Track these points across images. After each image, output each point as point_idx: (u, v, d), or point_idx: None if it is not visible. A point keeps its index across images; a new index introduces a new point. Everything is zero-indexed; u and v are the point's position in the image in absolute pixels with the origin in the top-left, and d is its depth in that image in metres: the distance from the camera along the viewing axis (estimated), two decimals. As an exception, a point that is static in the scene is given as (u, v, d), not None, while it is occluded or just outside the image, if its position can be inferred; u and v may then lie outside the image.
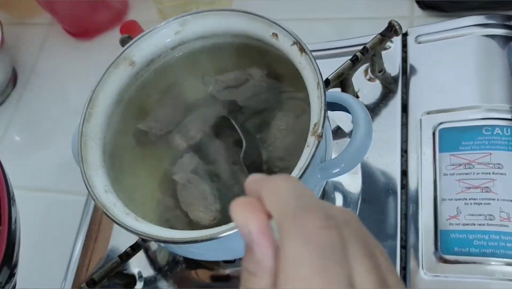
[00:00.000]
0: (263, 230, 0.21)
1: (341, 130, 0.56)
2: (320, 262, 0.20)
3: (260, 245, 0.21)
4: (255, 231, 0.21)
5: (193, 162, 0.45)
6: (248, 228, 0.21)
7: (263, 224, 0.21)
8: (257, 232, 0.21)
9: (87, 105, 0.45)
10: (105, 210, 0.40)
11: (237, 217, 0.22)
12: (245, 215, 0.22)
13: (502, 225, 0.46)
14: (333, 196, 0.53)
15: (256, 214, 0.22)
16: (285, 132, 0.44)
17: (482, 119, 0.51)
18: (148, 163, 0.48)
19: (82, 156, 0.43)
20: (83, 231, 0.59)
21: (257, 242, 0.21)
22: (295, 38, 0.42)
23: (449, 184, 0.49)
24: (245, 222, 0.21)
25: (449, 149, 0.51)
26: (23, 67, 0.78)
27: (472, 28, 0.56)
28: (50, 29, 0.80)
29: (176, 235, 0.38)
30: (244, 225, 0.22)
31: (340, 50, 0.60)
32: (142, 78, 0.49)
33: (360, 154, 0.42)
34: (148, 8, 0.74)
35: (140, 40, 0.47)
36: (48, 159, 0.69)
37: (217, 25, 0.47)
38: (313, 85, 0.40)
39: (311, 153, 0.37)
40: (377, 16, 0.64)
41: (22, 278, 0.47)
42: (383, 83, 0.57)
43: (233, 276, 0.52)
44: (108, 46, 0.74)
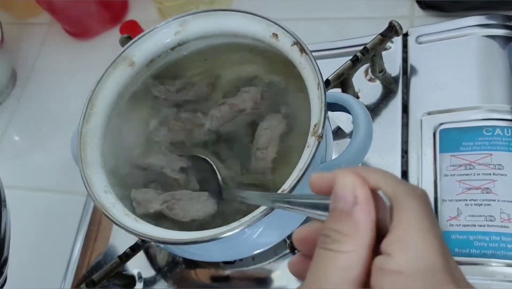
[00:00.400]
0: (369, 197, 0.24)
1: (341, 131, 0.56)
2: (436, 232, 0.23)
3: (364, 210, 0.23)
4: (362, 196, 0.24)
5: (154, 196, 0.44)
6: (355, 193, 0.24)
7: (369, 193, 0.24)
8: (364, 198, 0.24)
9: (87, 105, 0.45)
10: (104, 210, 0.40)
11: (345, 181, 0.24)
12: (354, 181, 0.24)
13: (502, 226, 0.45)
14: (333, 196, 0.53)
15: (363, 183, 0.24)
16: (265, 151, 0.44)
17: (482, 120, 0.51)
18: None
19: (82, 156, 0.42)
20: (83, 231, 0.59)
21: (361, 206, 0.23)
22: (295, 39, 0.42)
23: (449, 184, 0.49)
24: (353, 187, 0.24)
25: (450, 149, 0.50)
26: (22, 67, 0.78)
27: (472, 28, 0.56)
28: (50, 29, 0.80)
29: (176, 236, 0.38)
30: (351, 189, 0.24)
31: (340, 50, 0.60)
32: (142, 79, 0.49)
33: (361, 154, 0.42)
34: (148, 8, 0.74)
35: (139, 40, 0.47)
36: (47, 158, 0.69)
37: (217, 25, 0.46)
38: (313, 86, 0.40)
39: (311, 153, 0.37)
40: (378, 16, 0.64)
41: (21, 278, 0.47)
42: (383, 83, 0.57)
43: (232, 276, 0.52)
44: (108, 46, 0.74)
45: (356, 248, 0.23)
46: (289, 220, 0.44)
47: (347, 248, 0.23)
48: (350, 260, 0.23)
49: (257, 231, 0.42)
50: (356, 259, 0.23)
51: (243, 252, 0.46)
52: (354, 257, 0.23)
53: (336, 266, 0.23)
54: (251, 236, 0.42)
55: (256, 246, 0.45)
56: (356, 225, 0.23)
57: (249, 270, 0.52)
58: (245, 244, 0.44)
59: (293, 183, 0.36)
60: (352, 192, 0.24)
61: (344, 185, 0.24)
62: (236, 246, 0.44)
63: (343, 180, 0.24)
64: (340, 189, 0.24)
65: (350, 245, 0.23)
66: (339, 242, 0.23)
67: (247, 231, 0.37)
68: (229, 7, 0.70)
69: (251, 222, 0.36)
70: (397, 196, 0.24)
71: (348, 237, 0.23)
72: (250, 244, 0.44)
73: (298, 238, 0.28)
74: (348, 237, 0.23)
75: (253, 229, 0.40)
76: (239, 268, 0.52)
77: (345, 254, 0.23)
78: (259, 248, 0.45)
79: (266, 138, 0.44)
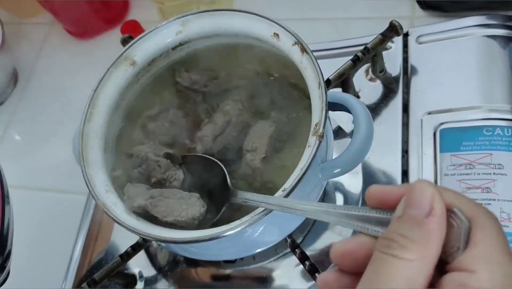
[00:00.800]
0: (445, 212, 0.24)
1: (342, 131, 0.56)
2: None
3: (439, 222, 0.23)
4: (440, 209, 0.23)
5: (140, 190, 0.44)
6: (432, 204, 0.24)
7: (444, 208, 0.24)
8: (441, 211, 0.23)
9: (88, 105, 0.45)
10: (106, 209, 0.40)
11: (425, 190, 0.24)
12: (434, 192, 0.24)
13: (503, 225, 0.45)
14: (334, 196, 0.53)
15: (442, 198, 0.24)
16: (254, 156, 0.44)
17: (483, 119, 0.51)
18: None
19: (83, 156, 0.43)
20: (84, 231, 0.59)
21: (437, 218, 0.23)
22: (297, 38, 0.42)
23: (450, 184, 0.49)
24: (432, 198, 0.24)
25: (450, 149, 0.51)
26: (23, 66, 0.78)
27: (473, 28, 0.56)
28: (51, 29, 0.80)
29: (177, 235, 0.38)
30: (429, 199, 0.24)
31: (341, 50, 0.60)
32: (143, 79, 0.49)
33: (361, 154, 0.42)
34: (149, 8, 0.74)
35: (141, 40, 0.47)
36: (48, 158, 0.69)
37: (218, 25, 0.47)
38: (314, 85, 0.40)
39: (312, 153, 0.37)
40: (378, 16, 0.64)
41: (23, 277, 0.47)
42: (384, 83, 0.57)
43: (233, 275, 0.52)
44: (109, 46, 0.74)
45: (422, 258, 0.23)
46: (290, 219, 0.44)
47: (413, 256, 0.23)
48: (415, 269, 0.23)
49: (258, 229, 0.42)
50: (420, 269, 0.23)
51: (244, 250, 0.46)
52: (418, 267, 0.23)
53: (400, 273, 0.23)
54: (252, 235, 0.42)
55: (257, 244, 0.45)
56: (429, 234, 0.23)
57: (250, 269, 0.52)
58: (246, 243, 0.44)
59: (295, 182, 0.36)
60: (430, 202, 0.23)
61: (423, 193, 0.24)
62: (237, 244, 0.44)
63: (423, 188, 0.24)
64: (418, 196, 0.24)
65: (417, 253, 0.23)
66: (406, 248, 0.23)
67: (248, 229, 0.37)
68: (230, 7, 0.70)
69: (252, 221, 0.36)
70: (475, 216, 0.24)
71: (416, 244, 0.23)
72: (251, 243, 0.44)
73: (339, 252, 0.27)
74: (417, 244, 0.23)
75: (254, 227, 0.40)
76: (240, 267, 0.52)
77: (410, 262, 0.23)
78: (260, 247, 0.45)
79: (255, 140, 0.44)
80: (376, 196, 0.26)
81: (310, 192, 0.43)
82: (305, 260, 0.46)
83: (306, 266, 0.46)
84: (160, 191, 0.42)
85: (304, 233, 0.51)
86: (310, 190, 0.43)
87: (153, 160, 0.44)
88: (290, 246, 0.47)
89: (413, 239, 0.23)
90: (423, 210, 0.23)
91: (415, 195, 0.24)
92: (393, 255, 0.23)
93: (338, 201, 0.52)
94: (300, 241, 0.51)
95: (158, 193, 0.42)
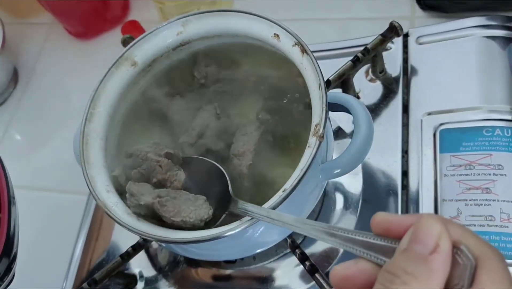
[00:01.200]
0: (450, 251, 0.24)
1: (342, 131, 0.56)
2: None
3: (443, 261, 0.23)
4: (446, 248, 0.23)
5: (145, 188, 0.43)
6: (438, 241, 0.24)
7: (450, 245, 0.24)
8: (447, 250, 0.23)
9: (89, 105, 0.45)
10: (106, 209, 0.40)
11: (432, 227, 0.24)
12: (441, 230, 0.24)
13: (502, 226, 0.46)
14: (334, 196, 0.53)
15: (448, 236, 0.24)
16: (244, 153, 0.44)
17: (482, 120, 0.51)
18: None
19: (84, 156, 0.43)
20: (84, 231, 0.59)
21: (441, 256, 0.23)
22: (297, 39, 0.42)
23: (449, 184, 0.49)
24: (439, 236, 0.24)
25: (450, 149, 0.51)
26: (24, 66, 0.78)
27: (473, 29, 0.56)
28: (52, 29, 0.80)
29: (178, 235, 0.39)
30: (435, 237, 0.24)
31: (341, 51, 0.60)
32: (144, 79, 0.49)
33: (361, 154, 0.42)
34: (149, 9, 0.74)
35: (142, 40, 0.47)
36: (49, 158, 0.69)
37: (219, 25, 0.47)
38: (315, 86, 0.40)
39: (312, 153, 0.37)
40: (378, 17, 0.64)
41: (24, 277, 0.47)
42: (384, 84, 0.57)
43: (233, 276, 0.52)
44: (109, 46, 0.74)
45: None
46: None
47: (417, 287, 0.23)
48: None
49: (258, 230, 0.42)
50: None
51: (244, 251, 0.46)
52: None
53: None
54: (253, 235, 0.42)
55: (258, 245, 0.45)
56: (431, 271, 0.23)
57: (250, 269, 0.52)
58: (247, 243, 0.44)
59: (295, 182, 0.36)
60: (436, 240, 0.24)
61: (430, 230, 0.24)
62: (238, 245, 0.44)
63: (431, 224, 0.24)
64: (425, 232, 0.24)
65: (418, 286, 0.23)
66: (408, 284, 0.23)
67: (249, 230, 0.37)
68: (230, 7, 0.70)
69: (253, 221, 0.36)
70: (482, 255, 0.24)
71: (418, 281, 0.23)
72: (251, 243, 0.44)
73: (340, 276, 0.27)
74: (419, 281, 0.23)
75: (254, 228, 0.40)
76: (240, 268, 0.52)
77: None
78: (260, 247, 0.45)
79: (242, 144, 0.44)
80: (382, 224, 0.26)
81: (310, 192, 0.43)
82: (305, 260, 0.46)
83: (306, 266, 0.46)
84: (167, 191, 0.42)
85: (304, 233, 0.51)
86: (310, 190, 0.43)
87: (154, 159, 0.43)
88: (290, 246, 0.47)
89: (415, 275, 0.23)
90: (428, 247, 0.24)
91: (422, 231, 0.24)
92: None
93: (338, 202, 0.52)
94: (300, 241, 0.51)
95: (165, 192, 0.42)
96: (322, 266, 0.48)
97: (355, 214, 0.51)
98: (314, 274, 0.45)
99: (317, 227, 0.30)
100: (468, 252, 0.24)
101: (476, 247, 0.24)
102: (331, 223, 0.52)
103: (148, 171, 0.44)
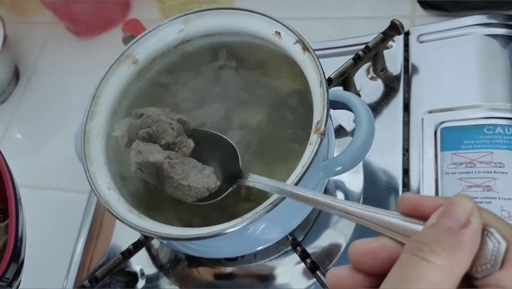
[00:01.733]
0: (480, 227, 0.24)
1: (343, 129, 0.56)
2: None
3: (473, 236, 0.23)
4: (476, 224, 0.24)
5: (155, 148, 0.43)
6: (470, 218, 0.24)
7: (481, 224, 0.24)
8: (477, 226, 0.24)
9: (90, 103, 0.45)
10: (108, 206, 0.40)
11: (466, 204, 0.24)
12: (474, 208, 0.24)
13: (503, 223, 0.46)
14: (335, 194, 0.53)
15: (480, 215, 0.24)
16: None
17: (483, 118, 0.51)
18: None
19: (86, 154, 0.43)
20: (85, 229, 0.59)
21: (472, 232, 0.23)
22: (298, 37, 0.42)
23: (450, 182, 0.49)
24: (471, 212, 0.24)
25: (451, 147, 0.51)
26: (25, 65, 0.78)
27: (473, 27, 0.56)
28: (52, 28, 0.80)
29: (179, 232, 0.39)
30: (467, 213, 0.24)
31: (342, 49, 0.60)
32: (145, 77, 0.49)
33: (362, 152, 0.42)
34: (150, 7, 0.74)
35: (143, 38, 0.47)
36: (49, 157, 0.69)
37: (220, 23, 0.47)
38: (316, 84, 0.40)
39: (313, 150, 0.37)
40: (379, 16, 0.64)
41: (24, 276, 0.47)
42: (385, 82, 0.57)
43: (234, 273, 0.52)
44: (110, 45, 0.74)
45: (451, 266, 0.23)
46: (291, 216, 0.44)
47: (442, 262, 0.23)
48: (442, 274, 0.23)
49: (260, 227, 0.42)
50: (447, 276, 0.23)
51: (245, 248, 0.46)
52: (445, 274, 0.23)
53: (427, 276, 0.23)
54: (254, 232, 0.42)
55: (259, 242, 0.45)
56: (460, 244, 0.23)
57: (251, 267, 0.52)
58: (248, 241, 0.44)
59: (296, 179, 0.37)
60: (468, 216, 0.24)
61: (462, 206, 0.24)
62: (239, 242, 0.44)
63: (464, 202, 0.24)
64: (456, 208, 0.24)
65: (446, 260, 0.23)
66: (436, 253, 0.23)
67: (250, 227, 0.37)
68: (231, 5, 0.70)
69: (254, 218, 0.36)
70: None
71: (447, 251, 0.23)
72: (252, 241, 0.44)
73: (361, 250, 0.27)
74: (447, 251, 0.23)
75: (256, 225, 0.40)
76: (241, 265, 0.52)
77: (438, 267, 0.23)
78: (261, 245, 0.45)
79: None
80: (410, 203, 0.26)
81: (312, 189, 0.43)
82: (306, 258, 0.46)
83: (307, 263, 0.46)
84: (177, 155, 0.42)
85: (305, 231, 0.51)
86: (311, 188, 0.43)
87: (167, 121, 0.43)
88: (291, 243, 0.47)
89: (444, 245, 0.23)
90: (459, 221, 0.24)
91: (454, 206, 0.24)
92: (423, 258, 0.23)
93: (339, 199, 0.52)
94: (301, 239, 0.51)
95: (175, 155, 0.42)
96: (323, 264, 0.48)
97: (356, 212, 0.51)
98: (315, 271, 0.45)
99: (335, 203, 0.28)
100: (499, 234, 0.24)
101: (506, 231, 0.24)
102: (332, 220, 0.52)
103: (157, 132, 0.43)
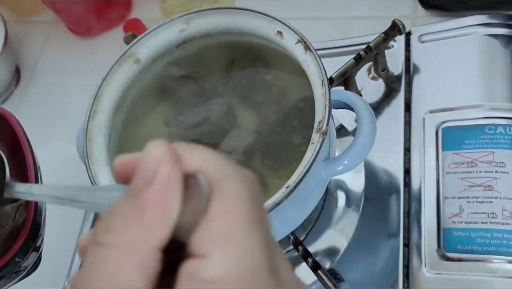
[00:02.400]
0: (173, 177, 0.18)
1: (344, 129, 0.56)
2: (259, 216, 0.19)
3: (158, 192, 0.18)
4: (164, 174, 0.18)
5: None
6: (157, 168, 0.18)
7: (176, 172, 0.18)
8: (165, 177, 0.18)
9: (92, 102, 0.45)
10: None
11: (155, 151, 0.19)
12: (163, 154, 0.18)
13: (504, 223, 0.46)
14: (336, 194, 0.53)
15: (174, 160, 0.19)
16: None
17: (485, 118, 0.51)
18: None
19: (88, 152, 0.43)
20: (87, 228, 0.59)
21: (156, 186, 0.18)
22: (300, 36, 0.42)
23: (452, 182, 0.49)
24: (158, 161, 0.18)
25: (452, 147, 0.51)
26: (26, 65, 0.78)
27: (475, 27, 0.56)
28: (53, 27, 0.80)
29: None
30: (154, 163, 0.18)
31: (343, 49, 0.60)
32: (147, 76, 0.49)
33: (364, 151, 0.42)
34: (151, 7, 0.74)
35: (145, 38, 0.47)
36: (51, 156, 0.69)
37: (222, 23, 0.47)
38: (318, 83, 0.41)
39: (315, 150, 0.37)
40: (380, 16, 0.64)
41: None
42: (386, 82, 0.57)
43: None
44: (112, 44, 0.74)
45: (130, 243, 0.17)
46: (293, 216, 0.44)
47: (116, 241, 0.17)
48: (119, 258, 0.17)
49: (261, 227, 0.42)
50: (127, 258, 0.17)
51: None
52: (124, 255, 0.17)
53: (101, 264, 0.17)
54: (255, 232, 0.42)
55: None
56: (141, 209, 0.17)
57: (253, 267, 0.52)
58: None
59: (298, 179, 0.37)
60: (155, 167, 0.18)
61: (149, 156, 0.18)
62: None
63: (151, 150, 0.19)
64: (145, 162, 0.18)
65: (122, 236, 0.17)
66: (109, 231, 0.17)
67: (252, 226, 0.37)
68: (232, 5, 0.71)
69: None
70: (222, 179, 0.19)
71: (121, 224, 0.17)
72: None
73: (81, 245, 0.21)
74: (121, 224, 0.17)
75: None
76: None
77: (112, 250, 0.17)
78: (263, 244, 0.45)
79: (229, 146, 0.44)
80: (120, 169, 0.20)
81: (313, 189, 0.44)
82: (308, 257, 0.46)
83: (309, 263, 0.46)
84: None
85: (306, 230, 0.51)
86: (313, 187, 0.43)
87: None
88: (293, 243, 0.47)
89: (122, 217, 0.18)
90: (145, 178, 0.18)
91: (143, 160, 0.19)
92: (96, 242, 0.18)
93: (341, 199, 0.53)
94: (303, 238, 0.51)
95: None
96: (325, 263, 0.48)
97: (357, 211, 0.51)
98: (317, 271, 0.45)
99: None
100: (204, 180, 0.18)
101: (220, 171, 0.19)
102: (333, 220, 0.52)
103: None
